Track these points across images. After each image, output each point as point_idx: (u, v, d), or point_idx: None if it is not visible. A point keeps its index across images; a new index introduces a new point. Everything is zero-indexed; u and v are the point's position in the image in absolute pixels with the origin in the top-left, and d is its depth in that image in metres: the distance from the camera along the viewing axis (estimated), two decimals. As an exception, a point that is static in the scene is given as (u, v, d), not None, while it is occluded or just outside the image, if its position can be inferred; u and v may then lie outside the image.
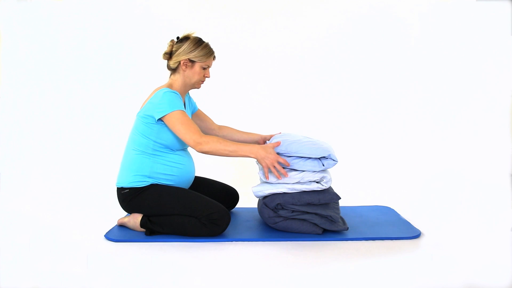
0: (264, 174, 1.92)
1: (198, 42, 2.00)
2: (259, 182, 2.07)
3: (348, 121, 3.38)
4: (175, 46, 2.01)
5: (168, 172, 1.96)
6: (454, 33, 3.22)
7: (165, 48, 2.04)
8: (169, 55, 2.02)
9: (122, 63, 3.35)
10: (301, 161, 1.90)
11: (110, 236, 1.89)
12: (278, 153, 1.92)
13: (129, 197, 1.95)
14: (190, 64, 1.99)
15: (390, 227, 2.02)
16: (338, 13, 3.38)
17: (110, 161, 3.16)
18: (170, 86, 2.03)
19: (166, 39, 1.98)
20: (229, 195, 2.30)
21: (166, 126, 1.92)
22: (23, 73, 3.28)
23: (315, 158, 1.91)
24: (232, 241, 1.85)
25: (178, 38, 2.04)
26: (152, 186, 1.93)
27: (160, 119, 1.90)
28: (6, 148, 3.17)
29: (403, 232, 1.94)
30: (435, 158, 3.16)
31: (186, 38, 2.01)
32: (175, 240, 1.85)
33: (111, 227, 2.02)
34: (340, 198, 1.95)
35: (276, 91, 3.44)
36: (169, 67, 2.05)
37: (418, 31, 3.29)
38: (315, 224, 1.92)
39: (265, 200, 1.96)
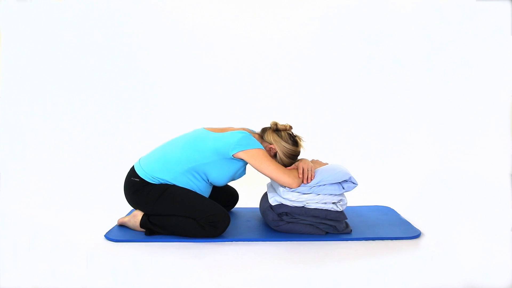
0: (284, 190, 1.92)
1: (294, 156, 1.99)
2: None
3: (348, 121, 3.38)
4: (284, 133, 1.98)
5: None
6: (454, 33, 3.22)
7: (280, 123, 2.02)
8: (275, 129, 2.00)
9: (122, 63, 3.35)
10: (322, 185, 1.90)
11: (110, 236, 1.89)
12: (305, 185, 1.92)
13: (134, 188, 1.94)
14: (273, 154, 1.99)
15: (390, 227, 2.02)
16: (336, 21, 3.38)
17: (110, 161, 3.17)
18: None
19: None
20: (229, 195, 2.30)
21: (223, 164, 1.90)
22: (23, 73, 3.28)
23: (336, 183, 1.91)
24: (232, 241, 1.85)
25: (293, 134, 2.00)
26: (159, 184, 1.92)
27: (232, 155, 1.87)
28: (6, 148, 3.17)
29: (403, 232, 1.94)
30: (435, 158, 3.16)
31: (295, 141, 1.98)
32: (175, 240, 1.85)
33: (111, 227, 2.02)
34: (346, 219, 1.94)
35: (275, 90, 3.44)
36: (263, 130, 2.04)
37: (418, 31, 3.29)
38: (318, 227, 1.92)
39: (271, 205, 1.96)
